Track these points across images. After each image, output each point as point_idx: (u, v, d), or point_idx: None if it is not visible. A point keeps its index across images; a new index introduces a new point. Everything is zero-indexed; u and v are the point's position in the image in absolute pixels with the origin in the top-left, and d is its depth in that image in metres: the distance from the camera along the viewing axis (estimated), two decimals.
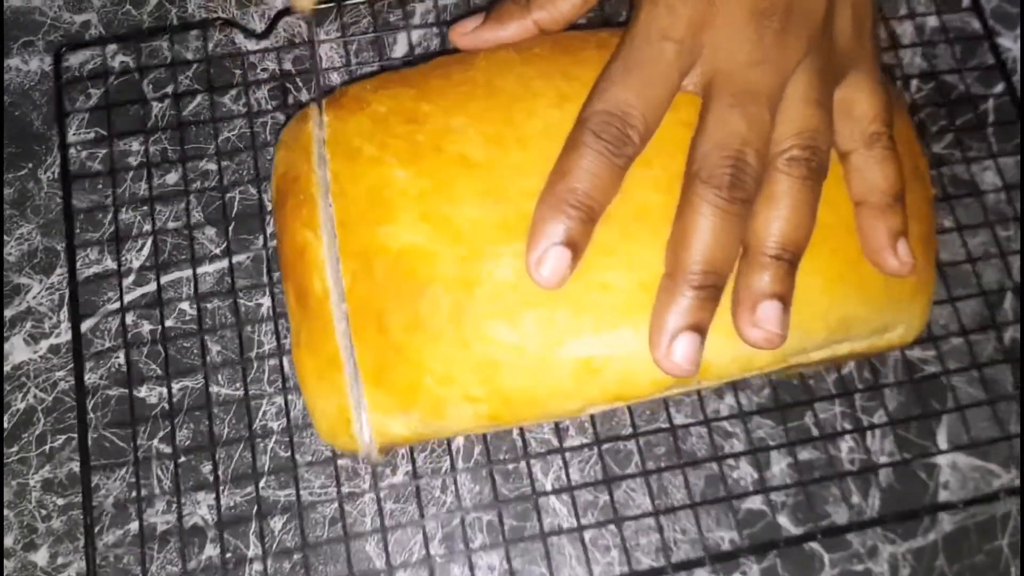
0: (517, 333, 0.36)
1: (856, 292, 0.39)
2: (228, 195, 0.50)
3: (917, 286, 0.41)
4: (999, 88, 0.54)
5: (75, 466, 0.46)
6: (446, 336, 0.36)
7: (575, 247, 0.35)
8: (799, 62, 0.37)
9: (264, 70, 0.52)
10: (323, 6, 0.54)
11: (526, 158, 0.37)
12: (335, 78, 0.52)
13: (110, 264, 0.49)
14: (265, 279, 0.48)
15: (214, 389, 0.47)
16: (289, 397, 0.46)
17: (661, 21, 0.37)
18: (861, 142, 0.39)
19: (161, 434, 0.46)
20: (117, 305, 0.48)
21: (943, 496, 0.46)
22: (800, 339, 0.39)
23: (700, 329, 0.35)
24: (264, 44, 0.53)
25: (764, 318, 0.35)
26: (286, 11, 0.53)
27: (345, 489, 0.45)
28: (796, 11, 0.37)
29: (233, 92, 0.52)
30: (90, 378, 0.47)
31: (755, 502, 0.46)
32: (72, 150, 0.50)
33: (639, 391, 0.38)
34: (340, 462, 0.45)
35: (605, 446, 0.46)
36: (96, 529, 0.45)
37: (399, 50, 0.53)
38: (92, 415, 0.46)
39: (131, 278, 0.48)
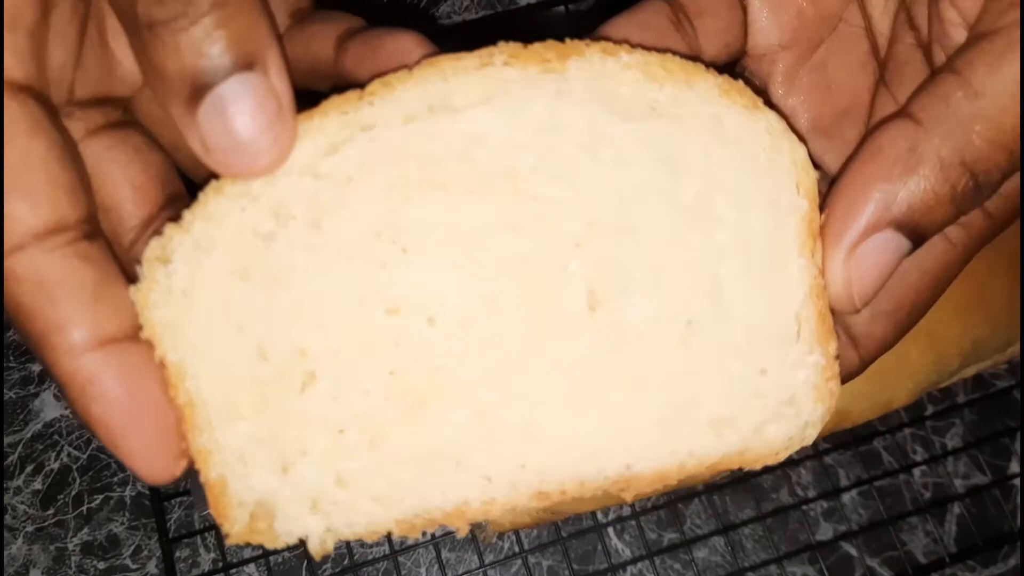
0: None
1: (984, 314, 0.38)
2: None
3: None
4: None
5: (115, 527, 0.44)
6: None
7: None
8: None
9: None
10: None
11: None
12: None
13: None
14: None
15: None
16: None
17: None
18: None
19: None
20: None
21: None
22: (937, 370, 0.38)
23: None
24: None
25: None
26: None
27: (397, 539, 0.43)
28: None
29: None
30: None
31: (827, 533, 0.44)
32: None
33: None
34: None
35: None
36: None
37: None
38: (128, 472, 0.44)
39: None
